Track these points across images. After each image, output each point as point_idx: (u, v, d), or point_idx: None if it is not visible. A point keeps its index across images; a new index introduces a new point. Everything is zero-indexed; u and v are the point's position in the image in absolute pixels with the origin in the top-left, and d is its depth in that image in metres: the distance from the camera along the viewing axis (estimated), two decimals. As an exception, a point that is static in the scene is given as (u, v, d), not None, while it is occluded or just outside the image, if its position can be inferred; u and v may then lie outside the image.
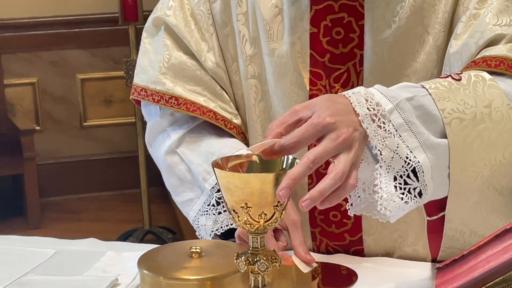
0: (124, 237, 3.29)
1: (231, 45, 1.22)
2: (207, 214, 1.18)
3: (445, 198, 1.02)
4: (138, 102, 1.29)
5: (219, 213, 1.16)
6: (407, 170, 0.95)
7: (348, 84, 1.14)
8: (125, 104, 3.87)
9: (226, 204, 0.88)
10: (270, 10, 1.16)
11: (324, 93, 1.14)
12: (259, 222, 0.86)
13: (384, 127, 0.94)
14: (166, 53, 1.23)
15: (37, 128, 3.83)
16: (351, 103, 0.94)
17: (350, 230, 1.18)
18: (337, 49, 1.13)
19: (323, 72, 1.14)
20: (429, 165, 0.96)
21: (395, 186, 0.95)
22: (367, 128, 0.93)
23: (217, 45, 1.22)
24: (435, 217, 1.06)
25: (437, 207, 1.05)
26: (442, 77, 1.03)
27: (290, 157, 0.89)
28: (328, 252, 1.20)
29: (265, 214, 0.86)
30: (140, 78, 1.25)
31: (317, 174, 1.13)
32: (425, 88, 1.00)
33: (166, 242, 3.08)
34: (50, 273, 1.13)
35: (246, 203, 0.85)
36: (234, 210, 0.87)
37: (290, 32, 1.14)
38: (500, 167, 1.02)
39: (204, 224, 1.18)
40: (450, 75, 1.03)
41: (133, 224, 3.42)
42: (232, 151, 1.16)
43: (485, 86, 1.02)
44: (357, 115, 0.93)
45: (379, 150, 0.94)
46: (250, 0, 1.18)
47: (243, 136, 1.24)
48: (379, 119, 0.94)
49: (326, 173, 0.89)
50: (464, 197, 1.02)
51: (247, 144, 1.23)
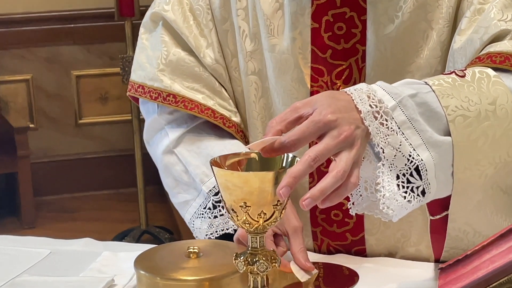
0: (121, 237, 3.29)
1: (230, 41, 1.22)
2: (202, 217, 1.18)
3: (449, 197, 1.02)
4: (135, 99, 1.29)
5: (215, 217, 1.16)
6: (410, 169, 0.95)
7: (350, 81, 1.14)
8: (121, 101, 3.87)
9: (224, 203, 0.88)
10: (271, 5, 1.16)
11: (325, 90, 1.14)
12: (258, 222, 0.86)
13: (386, 125, 0.94)
14: (164, 49, 1.23)
15: (31, 125, 3.83)
16: (353, 100, 0.94)
17: (352, 229, 1.18)
18: (339, 44, 1.13)
19: (324, 68, 1.14)
20: (433, 163, 0.96)
21: (398, 185, 0.94)
22: (369, 125, 0.93)
23: (216, 41, 1.22)
24: (438, 217, 1.06)
25: (440, 206, 1.05)
26: (446, 74, 1.03)
27: (290, 155, 0.89)
28: (329, 252, 1.20)
29: (265, 214, 0.86)
30: (137, 75, 1.25)
31: (318, 173, 1.13)
32: (428, 84, 1.00)
33: (163, 242, 3.08)
34: (44, 274, 1.13)
35: (245, 202, 0.85)
36: (233, 210, 0.87)
37: (291, 27, 1.14)
38: (504, 166, 1.01)
39: (199, 227, 1.18)
40: (454, 72, 1.02)
41: (130, 224, 3.42)
42: None
43: (490, 82, 1.01)
44: (359, 112, 0.93)
45: (381, 148, 0.94)
46: (250, -5, 1.19)
47: (242, 134, 1.23)
48: (381, 116, 0.94)
49: (327, 171, 0.89)
50: (468, 196, 1.02)
51: (247, 142, 1.23)
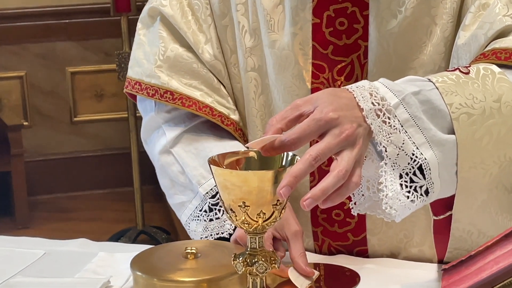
0: (116, 237, 3.29)
1: (230, 36, 1.22)
2: (198, 219, 1.18)
3: (452, 197, 1.01)
4: (132, 96, 1.29)
5: (211, 220, 1.16)
6: (413, 168, 0.95)
7: (352, 77, 1.14)
8: (117, 99, 3.87)
9: (223, 203, 0.87)
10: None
11: (326, 87, 1.14)
12: (257, 222, 0.86)
13: (389, 123, 0.94)
14: (162, 45, 1.23)
15: (25, 123, 3.83)
16: (355, 97, 0.93)
17: (353, 229, 1.18)
18: (341, 40, 1.13)
19: (325, 65, 1.14)
20: (436, 162, 0.96)
21: (401, 184, 0.94)
22: (371, 123, 0.93)
23: (215, 36, 1.22)
24: (442, 217, 1.06)
25: (444, 206, 1.05)
26: (449, 70, 1.03)
27: (290, 153, 0.89)
28: (330, 252, 1.20)
29: (264, 214, 0.86)
30: (134, 71, 1.25)
31: (319, 172, 1.12)
32: (432, 81, 1.00)
33: (160, 242, 3.08)
34: (39, 275, 1.13)
35: (244, 202, 0.85)
36: (231, 209, 0.86)
37: (291, 22, 1.14)
38: (509, 165, 1.01)
39: (194, 230, 1.18)
40: (458, 68, 1.02)
41: (126, 224, 3.42)
42: None
43: (495, 79, 1.01)
44: (361, 110, 0.93)
45: (384, 146, 0.93)
46: (249, -10, 1.18)
47: (241, 133, 1.23)
48: (384, 114, 0.94)
49: (328, 170, 0.89)
50: (472, 195, 1.02)
51: (246, 141, 1.23)
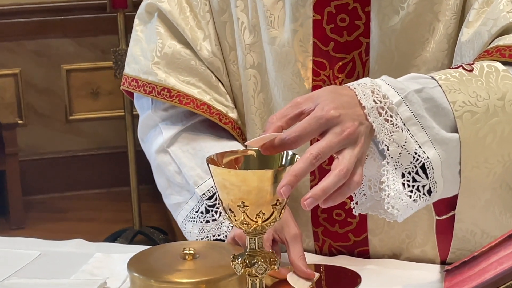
0: (113, 238, 3.29)
1: (228, 33, 1.21)
2: (194, 221, 1.18)
3: (456, 197, 1.01)
4: (129, 94, 1.29)
5: (207, 221, 1.17)
6: (415, 167, 0.95)
7: (353, 75, 1.13)
8: (113, 97, 3.87)
9: (221, 203, 0.87)
10: (271, -5, 1.16)
11: (327, 84, 1.13)
12: (256, 222, 0.86)
13: (391, 121, 0.94)
14: (159, 41, 1.22)
15: (20, 122, 3.83)
16: (356, 95, 0.93)
17: (354, 229, 1.18)
18: (342, 37, 1.13)
19: (326, 62, 1.14)
20: (439, 161, 0.96)
21: (403, 184, 0.94)
22: (373, 121, 0.92)
23: (213, 33, 1.22)
24: (444, 217, 1.06)
25: (447, 206, 1.05)
26: (453, 68, 1.03)
27: (290, 152, 0.89)
28: (331, 253, 1.20)
29: (263, 214, 0.86)
30: (131, 68, 1.25)
31: (320, 170, 1.12)
32: (435, 79, 0.99)
33: (157, 243, 3.08)
34: (34, 276, 1.12)
35: (243, 202, 0.85)
36: (230, 210, 0.86)
37: (291, 19, 1.14)
38: (514, 164, 1.02)
39: (190, 231, 1.18)
40: (462, 66, 1.02)
41: (123, 224, 3.42)
42: None
43: (499, 77, 1.01)
44: (363, 108, 0.93)
45: (386, 145, 0.93)
46: (249, -15, 1.18)
47: (239, 131, 1.23)
48: (386, 112, 0.94)
49: (329, 169, 0.89)
50: (475, 195, 1.02)
51: (244, 139, 1.23)
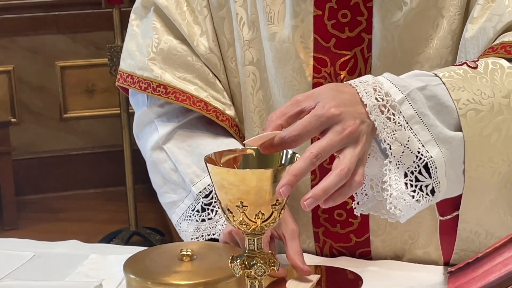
0: (109, 239, 3.29)
1: (227, 28, 1.21)
2: (189, 219, 1.18)
3: (459, 197, 1.01)
4: (125, 90, 1.29)
5: (203, 220, 1.17)
6: (418, 166, 0.94)
7: (355, 72, 1.13)
8: (108, 94, 3.87)
9: (220, 203, 0.87)
10: (271, -10, 1.16)
11: (328, 81, 1.14)
12: (255, 223, 0.86)
13: (393, 119, 0.94)
14: (155, 37, 1.22)
15: (13, 120, 3.83)
16: (358, 93, 0.93)
17: (356, 230, 1.18)
18: (343, 33, 1.13)
19: (327, 58, 1.14)
20: (443, 161, 0.95)
21: (406, 183, 0.94)
22: (375, 120, 0.92)
23: (211, 29, 1.22)
24: (448, 217, 1.06)
25: (450, 206, 1.05)
26: (456, 65, 1.03)
27: (290, 151, 0.89)
28: (332, 254, 1.20)
29: (263, 214, 0.86)
30: (126, 64, 1.25)
31: (320, 170, 1.12)
32: (438, 76, 0.99)
33: (153, 244, 3.08)
34: (28, 278, 1.12)
35: (241, 202, 0.85)
36: (228, 210, 0.86)
37: (292, 14, 1.14)
38: (519, 163, 1.01)
39: (185, 230, 1.18)
40: (466, 63, 1.02)
41: (118, 225, 3.42)
42: None
43: (504, 74, 1.01)
44: (365, 106, 0.92)
45: (388, 144, 0.93)
46: (248, -20, 1.18)
47: (237, 129, 1.23)
48: (388, 110, 0.93)
49: (330, 169, 0.89)
50: (480, 195, 1.02)
51: (241, 137, 1.23)
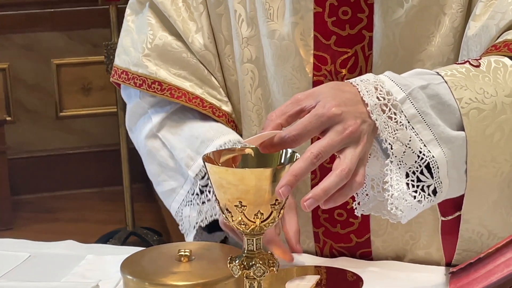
0: (105, 239, 3.29)
1: (224, 26, 1.21)
2: (191, 204, 1.18)
3: (462, 197, 1.02)
4: (119, 86, 1.29)
5: (203, 202, 1.17)
6: (420, 166, 0.95)
7: (355, 70, 1.13)
8: (105, 92, 3.87)
9: (218, 202, 0.87)
10: (270, -14, 1.16)
11: (329, 79, 1.14)
12: (255, 223, 0.86)
13: (395, 119, 0.94)
14: (150, 32, 1.23)
15: (8, 118, 3.82)
16: (359, 91, 0.93)
17: (356, 230, 1.18)
18: (344, 30, 1.13)
19: (328, 56, 1.14)
20: (445, 160, 0.96)
21: (407, 183, 0.94)
22: (376, 119, 0.92)
23: (207, 25, 1.22)
24: (450, 217, 1.06)
25: (452, 206, 1.05)
26: (459, 63, 1.03)
27: (289, 150, 0.89)
28: (332, 255, 1.21)
29: (262, 214, 0.86)
30: (121, 60, 1.25)
31: (321, 169, 1.12)
32: (440, 75, 0.99)
33: (151, 244, 3.08)
34: (24, 279, 1.12)
35: (240, 202, 0.85)
36: (227, 209, 0.86)
37: (292, 11, 1.14)
38: (522, 163, 1.02)
39: (188, 215, 1.19)
40: (468, 61, 1.02)
41: (115, 225, 3.42)
42: (218, 135, 1.17)
43: (507, 73, 1.01)
44: (366, 105, 0.93)
45: (389, 143, 0.93)
46: (247, -24, 1.18)
47: (233, 125, 1.24)
48: (389, 109, 0.94)
49: (331, 168, 0.89)
50: (482, 195, 1.02)
51: (239, 133, 1.23)
